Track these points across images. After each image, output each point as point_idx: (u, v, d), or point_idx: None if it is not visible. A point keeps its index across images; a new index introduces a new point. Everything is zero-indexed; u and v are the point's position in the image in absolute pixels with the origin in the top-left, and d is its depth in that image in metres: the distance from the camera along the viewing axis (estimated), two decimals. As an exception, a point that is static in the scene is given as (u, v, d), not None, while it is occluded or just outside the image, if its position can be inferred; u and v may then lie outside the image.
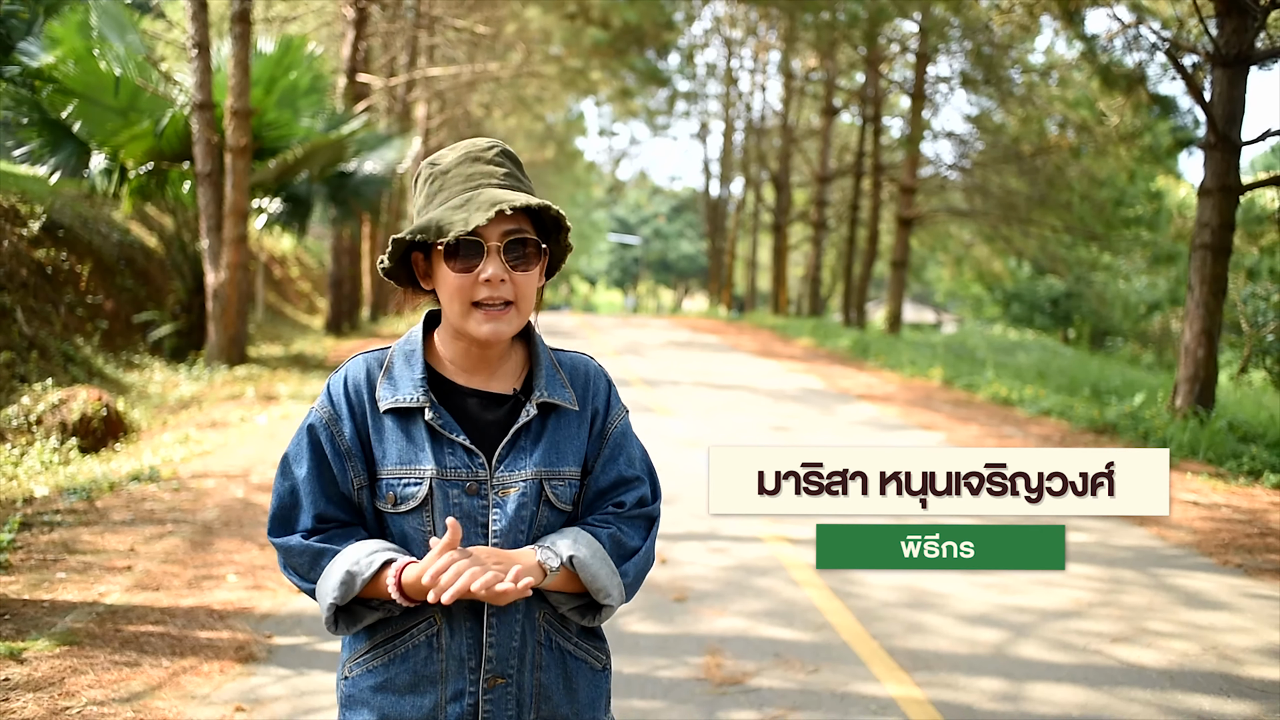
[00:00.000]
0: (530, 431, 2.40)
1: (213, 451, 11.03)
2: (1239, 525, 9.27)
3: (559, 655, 2.42)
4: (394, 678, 2.35)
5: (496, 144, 2.45)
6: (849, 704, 5.23)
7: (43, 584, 6.52)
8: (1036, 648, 6.13)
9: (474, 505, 2.33)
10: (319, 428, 2.39)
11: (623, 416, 2.56)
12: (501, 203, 2.25)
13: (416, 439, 2.35)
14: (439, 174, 2.40)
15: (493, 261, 2.30)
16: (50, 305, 15.92)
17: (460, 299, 2.32)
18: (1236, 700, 5.43)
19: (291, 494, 2.39)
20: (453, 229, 2.25)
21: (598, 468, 2.48)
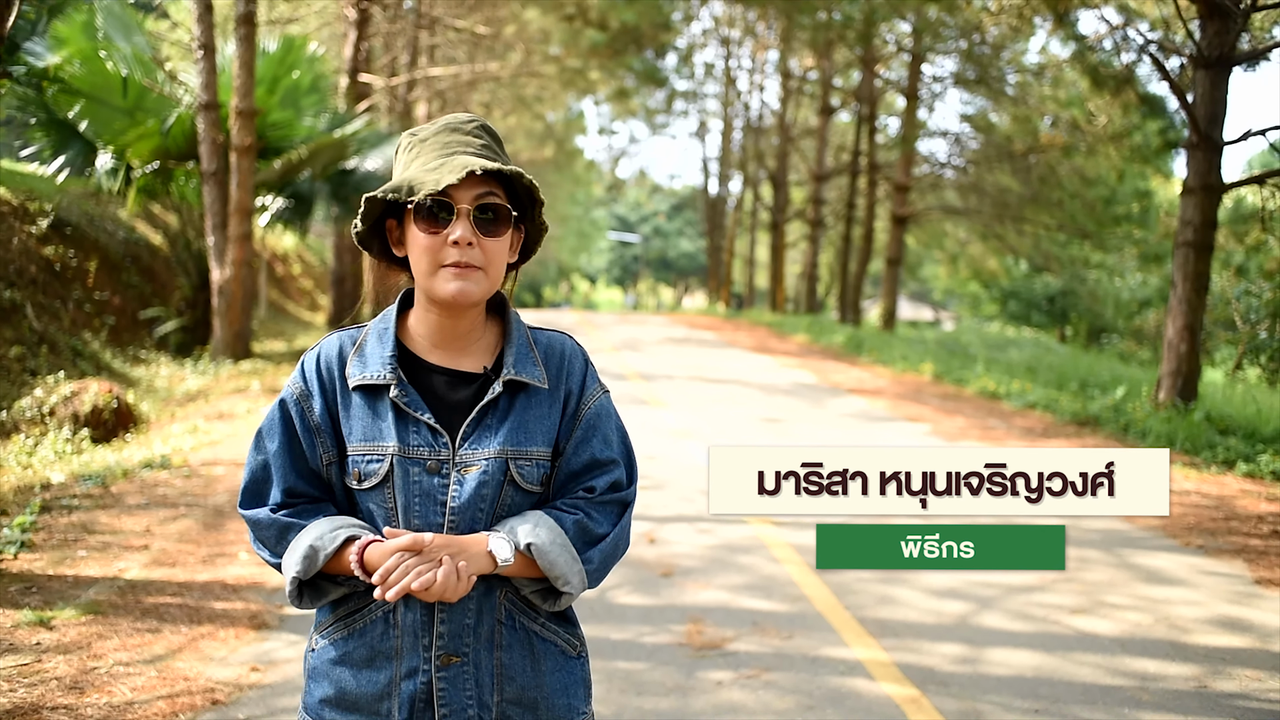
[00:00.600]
0: (497, 410, 2.39)
1: (220, 441, 11.43)
2: (1206, 510, 9.67)
3: (524, 635, 2.40)
4: (352, 652, 2.36)
5: (477, 119, 2.46)
6: (819, 665, 5.65)
7: (65, 561, 6.92)
8: (998, 618, 6.54)
9: (434, 484, 2.32)
10: (290, 403, 2.41)
11: (598, 396, 2.51)
12: (471, 166, 2.26)
13: (382, 416, 2.35)
14: (417, 142, 2.43)
15: (462, 223, 2.29)
16: (59, 301, 16.30)
17: (428, 259, 2.32)
18: (1180, 664, 5.83)
19: (263, 468, 2.41)
20: (423, 188, 2.26)
21: (570, 449, 2.45)
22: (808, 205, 42.48)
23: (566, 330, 2.47)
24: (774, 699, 5.19)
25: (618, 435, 2.51)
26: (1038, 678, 5.58)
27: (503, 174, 2.34)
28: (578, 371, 2.49)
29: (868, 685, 5.41)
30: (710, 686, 5.33)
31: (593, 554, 2.37)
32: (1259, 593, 7.20)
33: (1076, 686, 5.47)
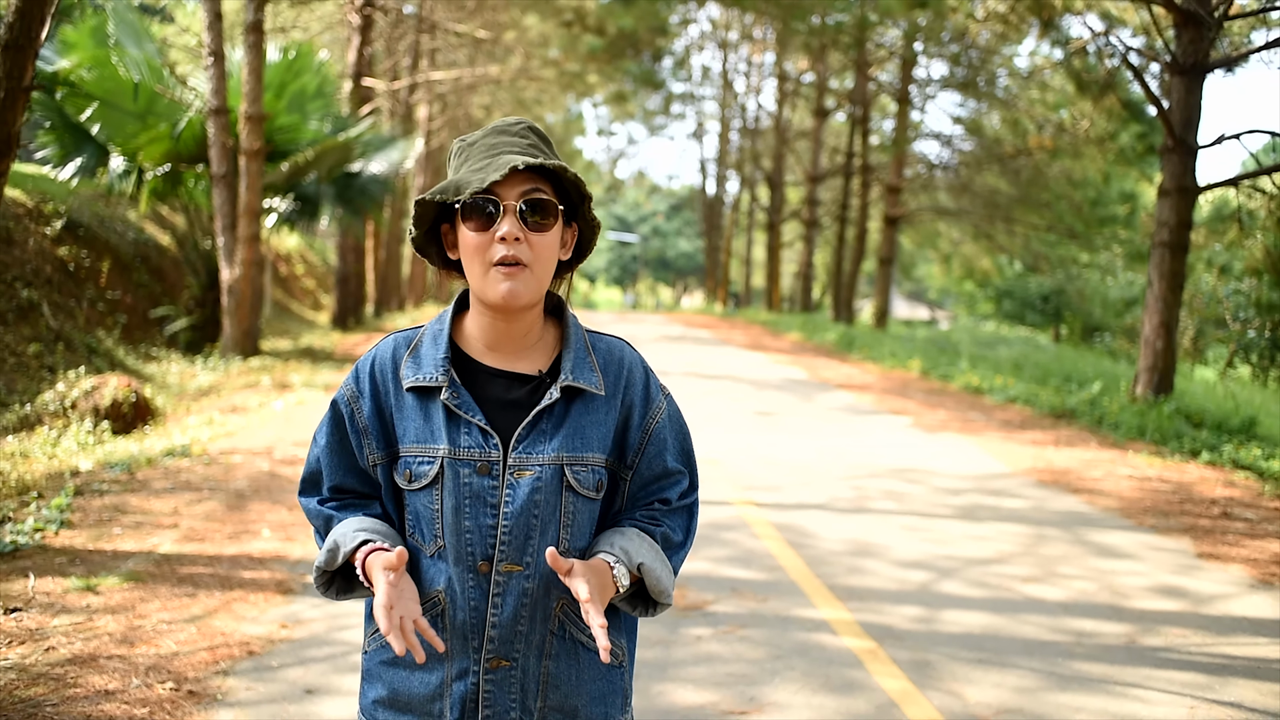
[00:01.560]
0: (553, 415, 2.37)
1: (236, 433, 12.03)
2: (1164, 494, 10.31)
3: (572, 646, 2.39)
4: (407, 653, 2.32)
5: (524, 120, 2.48)
6: (789, 624, 6.28)
7: (102, 537, 7.53)
8: (956, 585, 7.18)
9: (484, 485, 2.31)
10: (341, 404, 2.46)
11: (664, 407, 2.50)
12: (515, 161, 2.27)
13: (434, 418, 2.36)
14: (466, 147, 2.44)
15: (508, 220, 2.29)
16: (73, 300, 16.89)
17: (478, 259, 2.32)
18: (1116, 623, 6.47)
19: (317, 462, 2.48)
20: (469, 187, 2.27)
21: (642, 463, 2.45)
22: (803, 206, 43.10)
23: (624, 338, 2.51)
24: (746, 650, 5.83)
25: (681, 444, 2.52)
26: (985, 634, 6.22)
27: (549, 172, 2.35)
28: (639, 382, 2.48)
29: (831, 640, 6.06)
30: (691, 640, 5.96)
31: (675, 559, 2.44)
32: (1199, 565, 7.84)
33: (1019, 641, 6.11)
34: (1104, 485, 10.70)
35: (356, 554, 2.31)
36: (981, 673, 5.63)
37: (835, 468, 11.19)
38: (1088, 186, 31.93)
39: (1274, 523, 9.24)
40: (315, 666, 5.48)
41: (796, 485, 10.25)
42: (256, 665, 5.47)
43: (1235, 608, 6.86)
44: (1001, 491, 10.31)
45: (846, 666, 5.66)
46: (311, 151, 19.59)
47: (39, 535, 7.41)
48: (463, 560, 2.30)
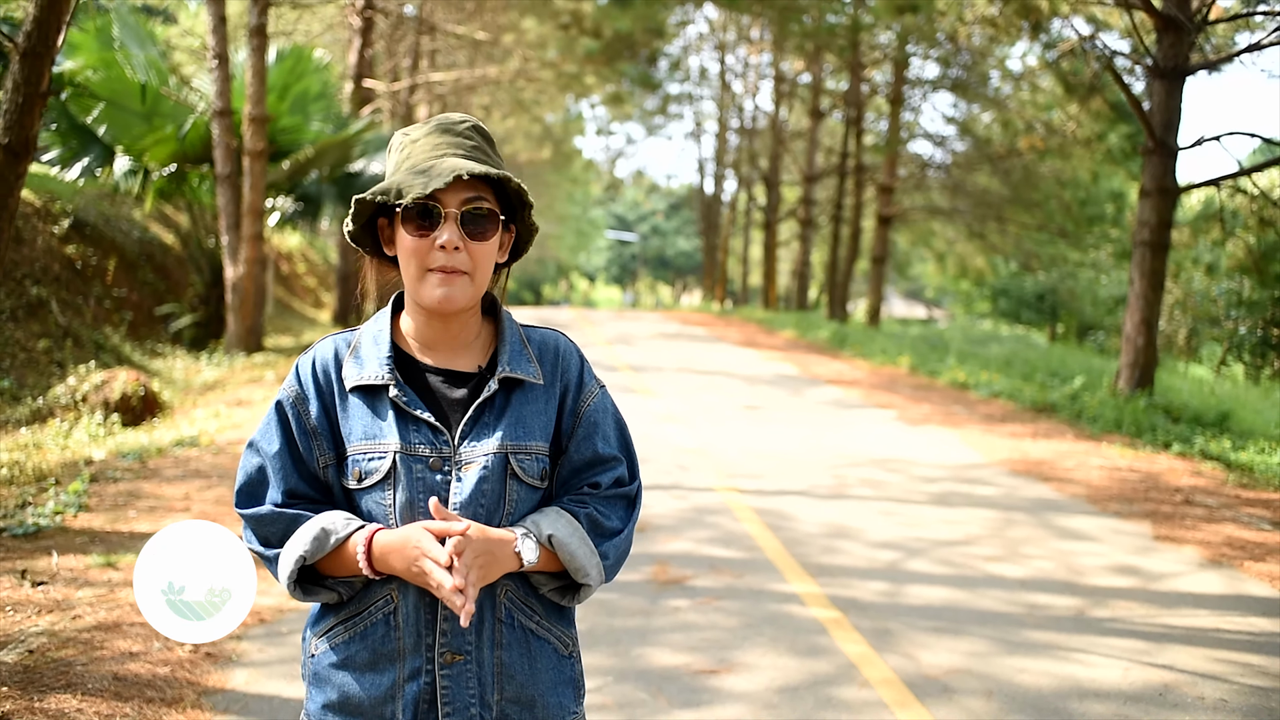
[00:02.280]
0: (493, 407, 2.39)
1: (241, 425, 12.47)
2: (1132, 483, 10.76)
3: (521, 634, 2.40)
4: (354, 655, 2.34)
5: (469, 119, 2.45)
6: (762, 596, 6.74)
7: (119, 520, 7.97)
8: (923, 563, 7.64)
9: (436, 481, 2.32)
10: (286, 406, 2.42)
11: (597, 393, 2.53)
12: (460, 169, 2.25)
13: (381, 415, 2.35)
14: (409, 143, 2.42)
15: (449, 228, 2.29)
16: (81, 298, 17.33)
17: (416, 263, 2.33)
18: (1069, 597, 6.93)
19: (259, 471, 2.40)
20: (411, 191, 2.25)
21: (572, 446, 2.47)
22: (799, 205, 43.45)
23: (560, 327, 2.52)
24: (721, 619, 6.29)
25: (616, 431, 2.53)
26: (944, 606, 6.68)
27: (492, 177, 2.34)
28: (574, 368, 2.52)
29: (800, 610, 6.52)
30: (670, 611, 6.42)
31: (608, 548, 2.41)
32: (1155, 547, 8.30)
33: (975, 612, 6.57)
34: (1075, 474, 11.15)
35: (355, 537, 2.28)
36: (937, 639, 6.09)
37: (818, 458, 11.64)
38: (1076, 186, 32.35)
39: (1233, 509, 9.69)
40: (322, 632, 5.93)
41: (779, 473, 10.70)
42: (268, 631, 5.93)
43: (1182, 584, 7.32)
44: (976, 480, 10.76)
45: (812, 633, 6.12)
46: (312, 149, 20.01)
47: (59, 518, 7.85)
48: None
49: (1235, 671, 5.70)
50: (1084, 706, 5.21)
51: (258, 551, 2.39)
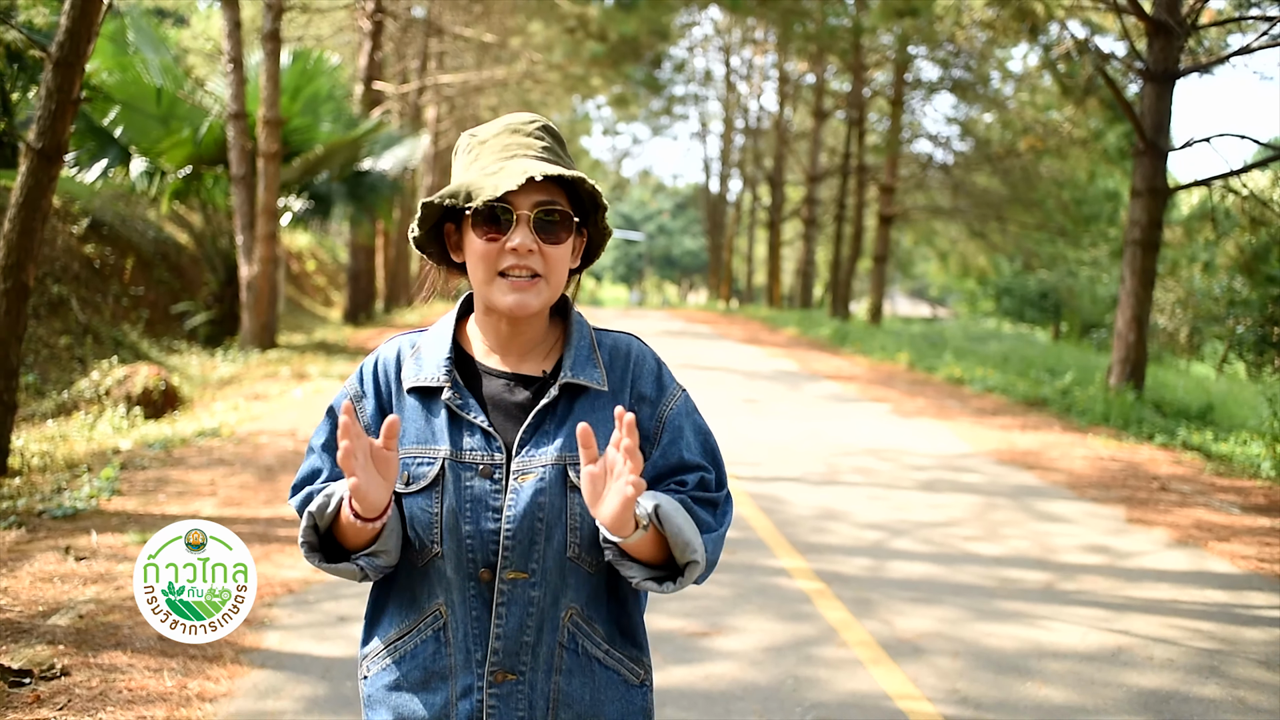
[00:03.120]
0: (555, 414, 2.28)
1: (260, 417, 12.97)
2: (1113, 471, 11.25)
3: (585, 661, 2.29)
4: (406, 675, 2.29)
5: (539, 119, 2.38)
6: (753, 570, 7.25)
7: (150, 503, 8.48)
8: (906, 542, 8.14)
9: (485, 489, 2.22)
10: (340, 405, 2.36)
11: (679, 398, 2.40)
12: (533, 171, 2.17)
13: (435, 419, 2.28)
14: (477, 144, 2.34)
15: (521, 231, 2.20)
16: (99, 296, 17.84)
17: (486, 267, 2.23)
18: (1040, 572, 7.43)
19: (313, 467, 2.37)
20: (482, 194, 2.17)
21: (656, 451, 2.32)
22: (803, 205, 43.93)
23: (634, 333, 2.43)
24: (714, 590, 6.79)
25: (701, 440, 2.39)
26: (922, 579, 7.18)
27: (564, 180, 2.26)
28: (649, 374, 2.39)
29: (787, 582, 7.02)
30: (667, 583, 6.92)
31: (707, 539, 2.21)
32: (1127, 529, 8.79)
33: (951, 585, 7.07)
34: (1059, 463, 11.64)
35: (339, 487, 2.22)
36: (913, 608, 6.59)
37: (812, 447, 12.13)
38: (1074, 186, 32.81)
39: (1206, 495, 10.18)
40: (346, 601, 6.44)
41: (775, 462, 11.19)
42: (296, 600, 6.44)
43: (1148, 562, 7.81)
44: (963, 468, 11.25)
45: (797, 602, 6.62)
46: (322, 148, 20.51)
47: (94, 501, 8.36)
48: (463, 568, 2.21)
49: (1186, 636, 6.19)
50: (1042, 664, 5.71)
51: (300, 537, 2.27)
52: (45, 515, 7.86)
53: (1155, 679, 5.56)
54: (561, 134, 2.44)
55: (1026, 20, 20.70)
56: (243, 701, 4.97)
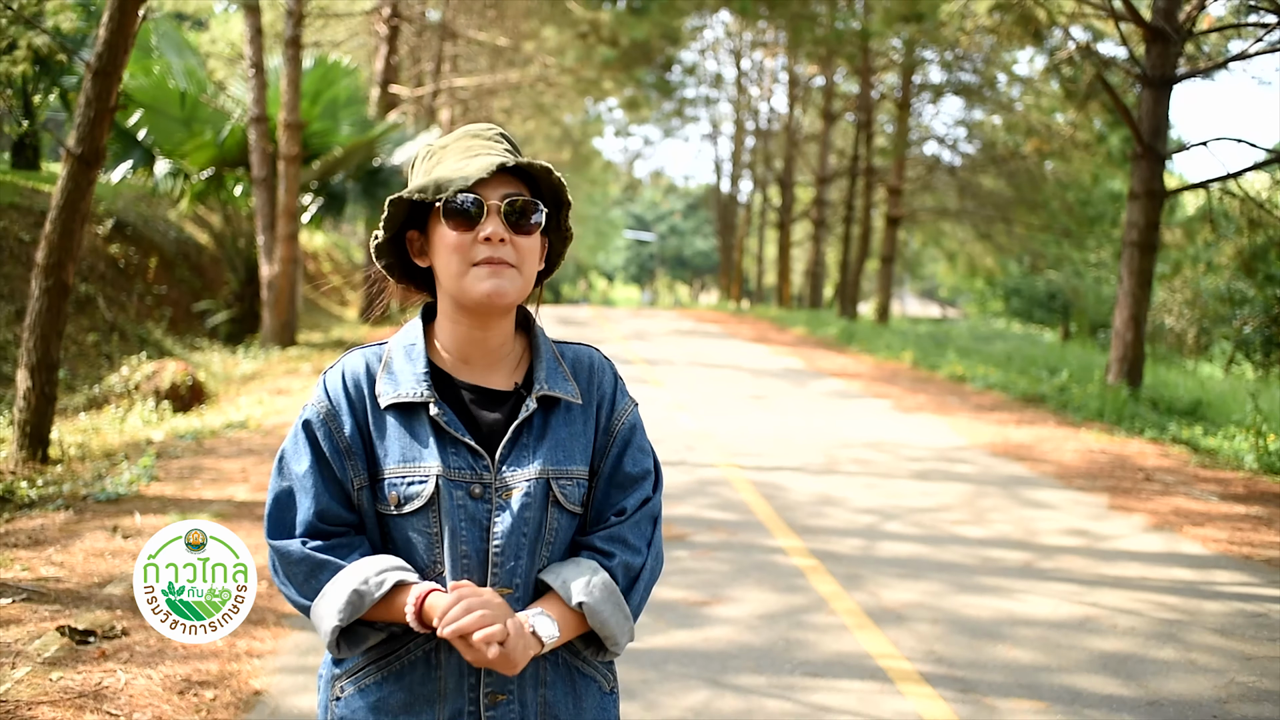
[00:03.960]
0: (532, 428, 2.29)
1: (284, 411, 13.50)
2: (1101, 463, 11.75)
3: (566, 672, 2.32)
4: (387, 697, 2.25)
5: (495, 126, 2.38)
6: (751, 549, 7.79)
7: (187, 489, 9.02)
8: (897, 525, 8.68)
9: (478, 509, 2.22)
10: (316, 424, 2.28)
11: (630, 410, 2.43)
12: (503, 160, 2.21)
13: (420, 436, 2.25)
14: (438, 149, 2.36)
15: (493, 220, 2.20)
16: (124, 294, 18.41)
17: (459, 259, 2.22)
18: (1021, 552, 7.96)
19: (288, 495, 2.27)
20: (451, 185, 2.18)
21: (606, 465, 2.36)
22: (812, 206, 44.41)
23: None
24: (715, 565, 7.33)
25: (646, 447, 2.44)
26: (910, 558, 7.72)
27: (529, 178, 2.29)
28: (608, 384, 2.42)
29: (783, 559, 7.56)
30: (672, 559, 7.45)
31: (638, 589, 2.29)
32: (1108, 515, 9.31)
33: (936, 563, 7.60)
34: (1050, 456, 12.15)
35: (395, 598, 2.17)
36: (899, 582, 7.12)
37: (814, 440, 12.65)
38: (1078, 188, 33.23)
39: (1188, 485, 10.69)
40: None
41: (777, 453, 11.72)
42: (329, 573, 6.97)
43: (1124, 544, 8.33)
44: (957, 459, 11.77)
45: (792, 577, 7.15)
46: (340, 150, 21.06)
47: (134, 487, 8.90)
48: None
49: (1150, 608, 6.71)
50: (1013, 631, 6.23)
51: (285, 593, 2.27)
52: (90, 499, 8.38)
53: (1116, 644, 6.08)
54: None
55: (1030, 26, 21.15)
56: (286, 658, 5.52)
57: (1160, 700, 5.31)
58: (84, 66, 9.65)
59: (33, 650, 5.21)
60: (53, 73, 22.42)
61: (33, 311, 9.43)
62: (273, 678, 5.27)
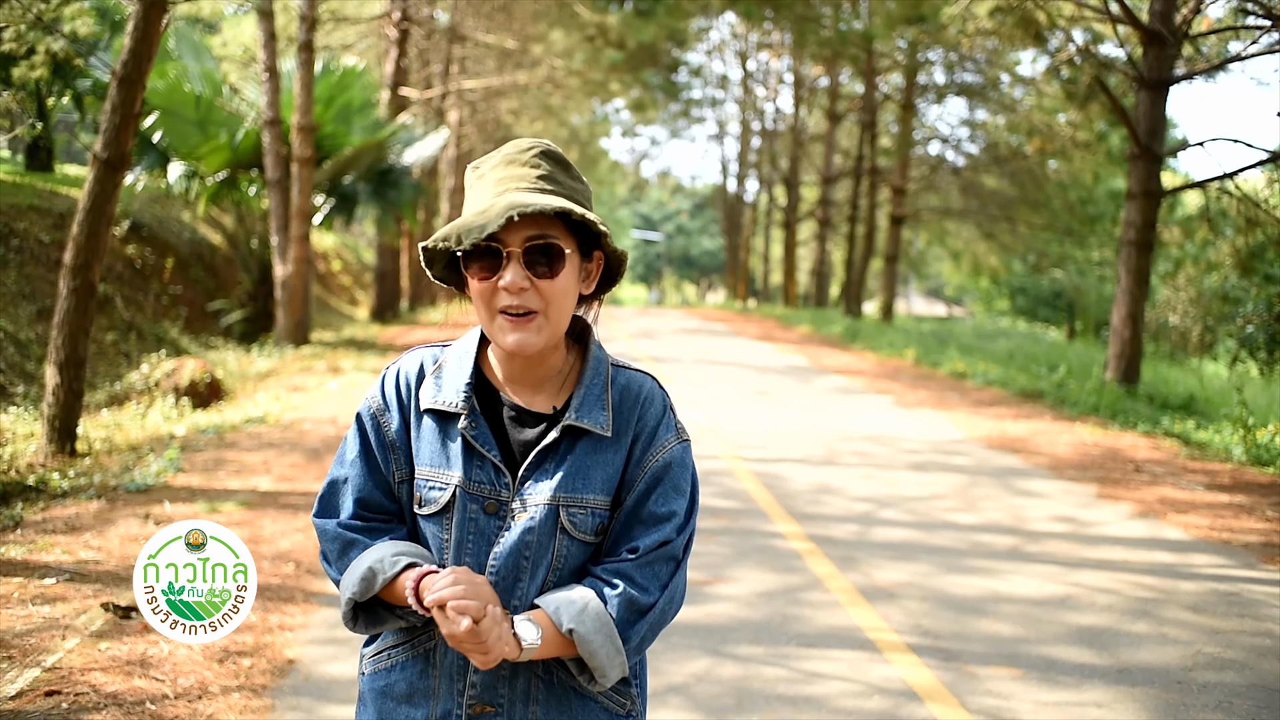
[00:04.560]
0: (556, 453, 2.29)
1: (300, 406, 13.90)
2: (1093, 455, 12.13)
3: (561, 693, 2.31)
4: (393, 684, 2.34)
5: (538, 145, 2.32)
6: (752, 534, 8.19)
7: (213, 479, 9.42)
8: (892, 513, 9.08)
9: (490, 524, 2.26)
10: (366, 418, 2.37)
11: (671, 447, 2.35)
12: (516, 207, 2.14)
13: (450, 444, 2.29)
14: (476, 179, 2.32)
15: (512, 268, 2.18)
16: (141, 294, 18.84)
17: (484, 306, 2.24)
18: (1009, 537, 8.35)
19: (341, 481, 2.37)
20: (469, 236, 2.15)
21: (630, 498, 2.31)
22: (817, 206, 44.82)
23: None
24: (717, 549, 7.73)
25: (678, 487, 2.36)
26: (903, 543, 8.11)
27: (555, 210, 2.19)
28: (652, 418, 2.36)
29: (782, 543, 7.96)
30: (676, 544, 7.84)
31: (640, 626, 2.26)
32: (1095, 503, 9.70)
33: (927, 547, 8.00)
34: (1044, 448, 12.53)
35: (403, 578, 2.22)
36: (891, 563, 7.52)
37: (815, 433, 13.03)
38: (1079, 187, 33.58)
39: (1176, 475, 11.06)
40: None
41: (779, 445, 12.11)
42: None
43: (1109, 530, 8.72)
44: (953, 452, 12.15)
45: (790, 559, 7.55)
46: (351, 150, 21.48)
47: (161, 478, 9.30)
48: None
49: (1129, 587, 7.10)
50: (997, 607, 6.63)
51: (325, 569, 2.38)
52: (120, 489, 8.78)
53: (1093, 619, 6.47)
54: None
55: (1031, 28, 21.49)
56: (316, 631, 5.92)
57: (1129, 668, 5.71)
58: (109, 73, 10.03)
59: (80, 624, 5.62)
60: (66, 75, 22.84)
61: (61, 310, 9.85)
62: (304, 648, 5.67)
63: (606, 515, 2.29)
